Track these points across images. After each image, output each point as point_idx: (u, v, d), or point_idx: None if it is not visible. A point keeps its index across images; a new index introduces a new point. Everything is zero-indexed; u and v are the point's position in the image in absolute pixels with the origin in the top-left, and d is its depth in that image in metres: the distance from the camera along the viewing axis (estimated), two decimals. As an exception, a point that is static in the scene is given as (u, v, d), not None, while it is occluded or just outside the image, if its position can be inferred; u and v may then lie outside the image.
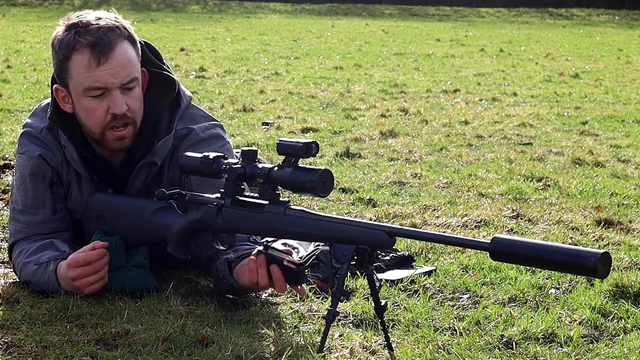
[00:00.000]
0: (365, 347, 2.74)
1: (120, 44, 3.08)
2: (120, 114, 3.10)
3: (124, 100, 3.11)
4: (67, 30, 3.10)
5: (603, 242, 4.01)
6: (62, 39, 3.10)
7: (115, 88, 3.09)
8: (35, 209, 3.24)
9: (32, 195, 3.24)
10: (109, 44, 3.06)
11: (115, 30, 3.09)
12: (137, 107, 3.15)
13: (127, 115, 3.12)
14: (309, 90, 9.88)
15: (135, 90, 3.13)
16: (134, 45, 3.14)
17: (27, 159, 3.25)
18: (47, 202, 3.24)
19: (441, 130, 7.31)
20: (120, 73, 3.08)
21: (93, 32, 3.06)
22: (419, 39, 19.42)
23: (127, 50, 3.10)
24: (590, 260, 2.40)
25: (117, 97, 3.10)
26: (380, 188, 5.07)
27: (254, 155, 2.93)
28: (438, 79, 11.51)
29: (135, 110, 3.14)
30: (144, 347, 2.67)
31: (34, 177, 3.24)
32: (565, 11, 32.79)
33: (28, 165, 3.24)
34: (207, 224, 3.01)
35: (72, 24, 3.11)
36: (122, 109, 3.10)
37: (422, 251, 3.75)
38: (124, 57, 3.09)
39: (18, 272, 3.23)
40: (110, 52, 3.06)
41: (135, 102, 3.14)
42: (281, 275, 2.89)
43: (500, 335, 2.87)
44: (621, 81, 11.73)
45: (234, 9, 30.70)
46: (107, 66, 3.07)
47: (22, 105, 8.15)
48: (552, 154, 6.30)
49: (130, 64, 3.10)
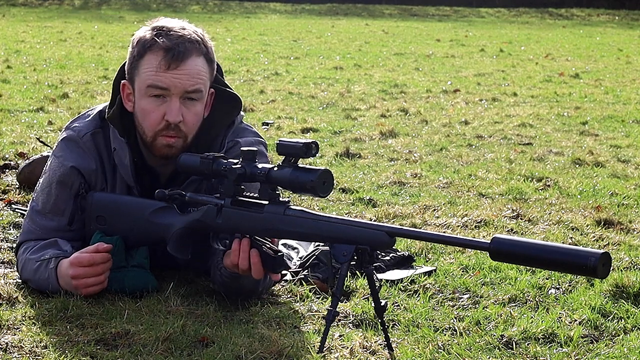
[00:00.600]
0: (365, 347, 2.74)
1: (195, 57, 3.10)
2: (173, 122, 3.10)
3: (182, 110, 3.11)
4: (151, 30, 3.14)
5: (603, 242, 4.01)
6: (143, 36, 3.13)
7: (176, 94, 3.10)
8: (52, 215, 3.24)
9: (53, 200, 3.24)
10: (183, 53, 3.08)
11: (195, 44, 3.11)
12: (192, 122, 3.14)
13: (179, 127, 3.12)
14: (309, 91, 9.88)
15: (196, 105, 3.13)
16: (209, 63, 3.15)
17: (58, 165, 3.25)
18: (67, 212, 3.23)
19: (441, 130, 7.32)
20: (186, 80, 3.09)
21: (172, 38, 3.10)
22: (419, 39, 19.42)
23: (199, 64, 3.11)
24: (590, 260, 2.40)
25: (175, 105, 3.10)
26: (380, 188, 5.07)
27: (253, 156, 2.94)
28: (438, 79, 11.51)
29: (189, 124, 3.13)
30: (144, 347, 2.67)
31: (60, 184, 3.24)
32: (565, 11, 32.80)
33: (58, 172, 3.24)
34: (207, 224, 3.01)
35: (156, 26, 3.14)
36: (176, 118, 3.10)
37: (422, 251, 3.75)
38: (194, 68, 3.10)
39: (20, 269, 3.24)
40: (182, 60, 3.08)
41: (192, 116, 3.13)
42: (259, 260, 2.89)
43: (500, 336, 2.87)
44: (621, 81, 11.74)
45: (234, 9, 30.71)
46: (175, 72, 3.09)
47: (22, 105, 8.15)
48: (552, 154, 6.30)
49: (199, 76, 3.11)
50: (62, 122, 7.12)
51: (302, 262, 3.49)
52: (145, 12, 27.89)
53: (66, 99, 8.68)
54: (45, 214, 3.24)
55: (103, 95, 8.94)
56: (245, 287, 3.07)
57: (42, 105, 8.10)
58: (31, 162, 4.85)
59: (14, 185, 4.94)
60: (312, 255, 3.48)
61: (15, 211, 4.33)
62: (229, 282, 3.04)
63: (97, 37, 17.38)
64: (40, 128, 6.90)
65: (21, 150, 5.87)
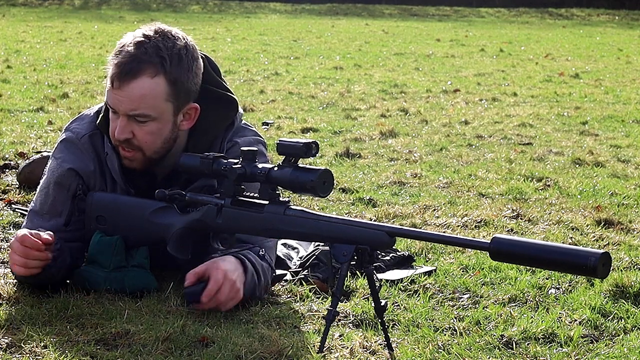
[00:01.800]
0: (365, 347, 2.74)
1: (145, 78, 3.04)
2: (117, 139, 3.10)
3: (131, 127, 3.09)
4: (126, 39, 3.10)
5: (603, 242, 4.01)
6: (117, 44, 3.11)
7: (122, 114, 3.09)
8: (49, 216, 3.23)
9: (51, 201, 3.23)
10: (128, 73, 3.04)
11: (148, 62, 3.03)
12: (145, 140, 3.11)
13: (131, 142, 3.11)
14: (309, 91, 9.88)
15: (147, 125, 3.09)
16: (169, 83, 3.06)
17: (57, 167, 3.25)
18: (64, 213, 3.23)
19: (441, 130, 7.32)
20: (126, 104, 3.06)
21: (126, 54, 3.05)
22: (419, 39, 19.42)
23: (146, 87, 3.04)
24: (590, 260, 2.41)
25: (121, 123, 3.09)
26: (380, 188, 5.07)
27: (254, 156, 2.93)
28: (438, 79, 11.51)
29: (142, 141, 3.11)
30: (144, 347, 2.67)
31: (58, 185, 3.23)
32: (565, 11, 32.79)
33: (56, 173, 3.24)
34: (207, 224, 3.01)
35: (132, 35, 3.10)
36: (119, 136, 3.10)
37: (422, 251, 3.75)
38: (136, 92, 3.05)
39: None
40: (125, 81, 3.05)
41: (143, 134, 3.10)
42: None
43: (500, 335, 2.87)
44: (621, 81, 11.74)
45: (234, 9, 30.70)
46: (118, 92, 3.07)
47: (22, 105, 8.15)
48: (552, 154, 6.30)
49: (143, 100, 3.05)
50: (62, 122, 7.12)
51: (302, 262, 3.49)
52: (145, 12, 27.89)
53: (66, 99, 8.68)
54: (43, 215, 3.23)
55: (103, 96, 8.92)
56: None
57: (42, 105, 8.09)
58: (31, 162, 4.85)
59: (14, 185, 4.94)
60: (312, 255, 3.48)
61: (15, 211, 4.33)
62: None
63: (97, 37, 17.38)
64: (40, 128, 6.90)
65: (21, 150, 5.87)
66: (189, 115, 3.17)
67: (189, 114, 3.16)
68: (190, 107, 3.15)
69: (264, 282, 3.12)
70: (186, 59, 3.09)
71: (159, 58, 3.04)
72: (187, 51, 3.10)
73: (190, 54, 3.10)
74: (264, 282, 3.11)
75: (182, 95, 3.11)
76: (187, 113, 3.16)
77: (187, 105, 3.14)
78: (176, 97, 3.10)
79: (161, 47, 3.05)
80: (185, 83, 3.10)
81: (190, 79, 3.11)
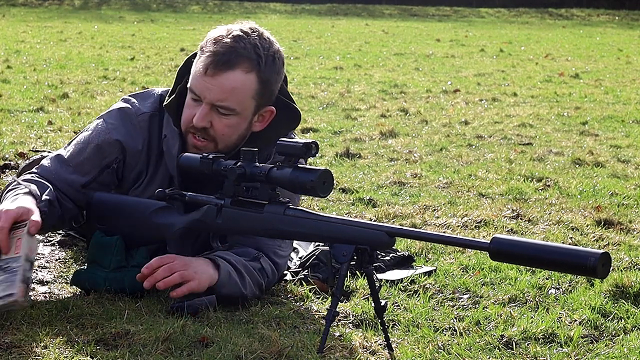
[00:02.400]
0: (365, 347, 2.74)
1: (239, 72, 3.05)
2: (196, 126, 3.10)
3: (211, 117, 3.09)
4: (221, 31, 3.10)
5: (603, 242, 4.01)
6: (210, 35, 3.11)
7: (206, 102, 3.09)
8: (74, 169, 3.21)
9: (83, 159, 3.22)
10: (224, 63, 3.04)
11: (246, 59, 3.06)
12: (224, 132, 3.12)
13: (207, 131, 3.11)
14: (309, 91, 9.89)
15: (229, 117, 3.10)
16: (260, 82, 3.09)
17: (105, 131, 3.23)
18: (89, 175, 3.21)
19: (441, 130, 7.32)
20: (215, 94, 3.07)
21: (224, 45, 3.05)
22: (419, 39, 19.42)
23: (239, 80, 3.06)
24: (590, 260, 2.41)
25: (203, 111, 3.09)
26: (380, 188, 5.07)
27: (254, 156, 2.93)
28: (438, 79, 11.51)
29: (219, 132, 3.11)
30: (144, 348, 2.67)
31: (98, 148, 3.22)
32: (565, 11, 32.80)
33: (102, 136, 3.22)
34: (207, 224, 3.01)
35: (226, 29, 3.10)
36: (199, 123, 3.09)
37: (422, 251, 3.75)
38: (229, 84, 3.06)
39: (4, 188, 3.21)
40: (220, 70, 3.05)
41: (223, 126, 3.11)
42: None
43: (500, 336, 2.87)
44: (621, 81, 11.74)
45: (234, 9, 30.71)
46: (209, 80, 3.06)
47: (22, 105, 8.15)
48: (552, 154, 6.30)
49: (233, 92, 3.07)
50: (62, 122, 7.12)
51: (302, 262, 3.49)
52: (145, 12, 27.89)
53: (66, 99, 8.68)
54: (68, 165, 3.22)
55: (103, 95, 8.95)
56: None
57: (42, 105, 8.09)
58: (31, 162, 4.83)
59: (14, 185, 4.93)
60: (312, 255, 3.48)
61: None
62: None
63: (97, 37, 17.38)
64: (40, 128, 6.90)
65: (21, 150, 5.87)
66: (263, 117, 3.19)
67: (263, 115, 3.19)
68: (267, 109, 3.18)
69: (256, 281, 3.11)
70: (279, 62, 3.14)
71: (256, 55, 3.08)
72: (280, 55, 3.15)
73: (281, 59, 3.16)
74: (252, 280, 3.10)
75: (266, 95, 3.14)
76: (262, 115, 3.18)
77: (266, 107, 3.17)
78: (261, 97, 3.13)
79: (259, 46, 3.09)
80: (273, 85, 3.14)
81: (277, 82, 3.16)
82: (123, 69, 11.75)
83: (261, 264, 3.13)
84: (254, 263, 3.12)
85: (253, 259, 3.13)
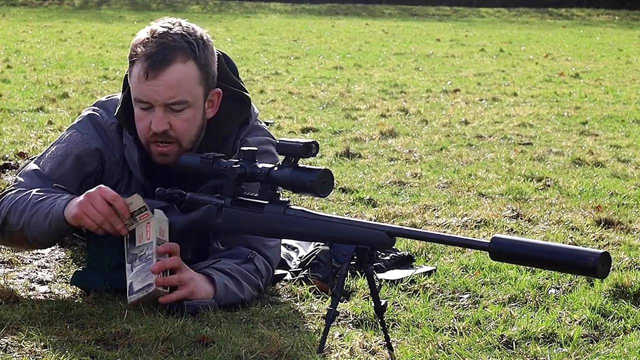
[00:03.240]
0: (365, 347, 2.74)
1: (178, 64, 3.04)
2: (157, 132, 3.09)
3: (168, 119, 3.08)
4: (143, 35, 3.09)
5: (603, 242, 4.01)
6: (135, 41, 3.10)
7: (158, 105, 3.07)
8: (56, 184, 3.18)
9: (64, 172, 3.20)
10: (162, 61, 3.03)
11: (179, 50, 3.05)
12: (182, 128, 3.10)
13: (168, 134, 3.10)
14: (309, 90, 9.88)
15: (184, 112, 3.09)
16: (200, 67, 3.09)
17: (83, 142, 3.22)
18: (71, 188, 3.18)
19: (441, 130, 7.32)
20: (165, 93, 3.05)
21: (154, 45, 3.04)
22: (419, 39, 19.42)
23: (181, 72, 3.05)
24: (590, 260, 2.41)
25: (158, 114, 3.07)
26: (380, 188, 5.07)
27: (253, 155, 2.93)
28: (438, 79, 11.51)
29: (179, 131, 3.10)
30: (144, 347, 2.67)
31: (78, 160, 3.20)
32: (565, 11, 32.79)
33: (80, 147, 3.21)
34: (207, 224, 3.01)
35: (147, 30, 3.09)
36: (158, 127, 3.07)
37: (422, 251, 3.75)
38: (173, 78, 3.04)
39: (5, 204, 3.14)
40: (160, 70, 3.03)
41: (181, 123, 3.09)
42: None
43: (500, 335, 2.87)
44: (621, 81, 11.74)
45: (233, 8, 30.70)
46: (153, 82, 3.04)
47: (22, 105, 8.15)
48: (552, 154, 6.30)
49: (180, 86, 3.05)
50: (62, 122, 7.12)
51: (302, 262, 3.49)
52: (145, 12, 27.89)
53: (66, 98, 8.68)
54: (50, 180, 3.19)
55: (103, 95, 8.93)
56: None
57: (42, 105, 8.09)
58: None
59: (14, 185, 4.94)
60: (312, 255, 3.48)
61: None
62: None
63: (97, 37, 17.38)
64: (40, 128, 6.90)
65: (21, 150, 5.87)
66: (212, 102, 3.18)
67: (212, 100, 3.18)
68: (213, 92, 3.18)
69: (253, 283, 3.11)
70: (209, 43, 3.14)
71: (187, 43, 3.07)
72: (207, 37, 3.15)
73: (209, 41, 3.16)
74: (249, 284, 3.10)
75: (209, 78, 3.14)
76: (211, 100, 3.18)
77: (212, 90, 3.16)
78: (206, 81, 3.13)
79: (185, 34, 3.08)
80: (212, 66, 3.14)
81: (214, 63, 3.16)
82: (123, 68, 11.74)
83: (255, 265, 3.13)
84: (247, 265, 3.12)
85: (247, 260, 3.12)
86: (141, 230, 2.97)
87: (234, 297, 3.03)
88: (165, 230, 2.97)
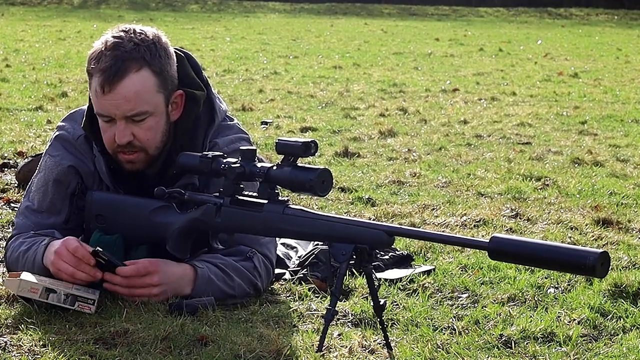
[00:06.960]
0: (364, 346, 2.74)
1: (131, 76, 3.02)
2: (121, 144, 3.08)
3: (131, 129, 3.06)
4: (98, 46, 3.07)
5: (602, 241, 4.01)
6: (90, 55, 3.08)
7: (119, 118, 3.06)
8: (48, 214, 3.22)
9: (50, 199, 3.22)
10: (115, 74, 3.00)
11: (131, 58, 3.02)
12: (147, 137, 3.09)
13: (133, 144, 3.09)
14: (308, 90, 9.88)
15: (146, 121, 3.07)
16: (155, 74, 3.06)
17: (55, 164, 3.23)
18: (63, 211, 3.22)
19: (440, 129, 7.32)
20: (123, 106, 3.03)
21: (107, 58, 3.02)
22: (418, 39, 19.42)
23: (137, 83, 3.02)
24: (589, 259, 2.41)
25: (120, 127, 3.06)
26: (379, 187, 5.08)
27: (253, 155, 2.93)
28: (437, 79, 11.51)
29: (143, 140, 3.09)
30: (143, 346, 2.67)
31: (57, 183, 3.22)
32: (564, 11, 32.81)
33: (55, 171, 3.22)
34: (207, 223, 3.01)
35: (101, 41, 3.08)
36: (122, 140, 3.07)
37: (421, 250, 3.75)
38: (130, 90, 3.02)
39: (8, 257, 3.21)
40: (115, 83, 3.01)
41: (144, 132, 3.08)
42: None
43: (499, 335, 2.87)
44: (620, 81, 11.74)
45: (233, 8, 30.70)
46: (110, 96, 3.03)
47: (21, 104, 8.15)
48: (551, 153, 6.30)
49: (138, 97, 3.03)
50: (61, 121, 7.12)
51: (301, 261, 3.49)
52: (144, 11, 27.88)
53: (65, 97, 8.68)
54: (41, 212, 3.22)
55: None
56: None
57: (41, 104, 8.10)
58: (30, 161, 4.85)
59: (12, 184, 4.94)
60: (311, 254, 3.48)
61: (14, 210, 4.33)
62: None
63: (96, 36, 17.27)
64: (39, 127, 6.90)
65: (20, 149, 5.88)
66: (176, 105, 3.16)
67: (175, 102, 3.16)
68: (176, 95, 3.15)
69: (248, 281, 3.11)
70: (160, 47, 3.09)
71: (139, 53, 3.04)
72: (158, 39, 3.10)
73: (161, 43, 3.11)
74: (243, 281, 3.10)
75: (168, 83, 3.11)
76: (174, 102, 3.15)
77: (173, 93, 3.14)
78: (164, 87, 3.10)
79: (136, 42, 3.05)
80: (169, 70, 3.11)
81: (171, 66, 3.12)
82: (122, 68, 11.74)
83: (254, 263, 3.13)
84: (246, 262, 3.12)
85: (245, 258, 3.12)
86: None
87: (219, 293, 3.05)
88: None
